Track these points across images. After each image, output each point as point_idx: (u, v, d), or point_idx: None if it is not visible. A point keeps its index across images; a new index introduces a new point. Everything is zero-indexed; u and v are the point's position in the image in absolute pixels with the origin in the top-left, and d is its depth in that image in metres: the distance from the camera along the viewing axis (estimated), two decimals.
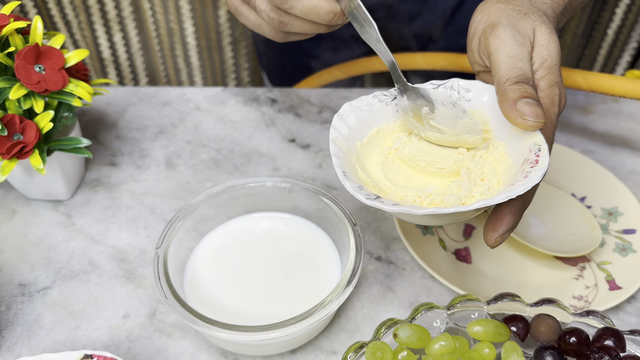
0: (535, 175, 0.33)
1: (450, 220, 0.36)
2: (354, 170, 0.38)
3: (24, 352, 0.45)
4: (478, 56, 0.41)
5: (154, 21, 1.10)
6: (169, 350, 0.45)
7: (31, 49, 0.47)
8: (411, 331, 0.38)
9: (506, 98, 0.36)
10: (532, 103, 0.35)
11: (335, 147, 0.38)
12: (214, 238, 0.50)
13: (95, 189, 0.59)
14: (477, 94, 0.40)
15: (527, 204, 0.36)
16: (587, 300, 0.48)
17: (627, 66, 1.15)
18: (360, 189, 0.35)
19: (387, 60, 0.39)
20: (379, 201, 0.33)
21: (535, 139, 0.35)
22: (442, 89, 0.41)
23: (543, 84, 0.38)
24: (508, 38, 0.38)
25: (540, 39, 0.39)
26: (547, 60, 0.38)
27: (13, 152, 0.47)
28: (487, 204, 0.32)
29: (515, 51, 0.37)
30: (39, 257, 0.52)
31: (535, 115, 0.34)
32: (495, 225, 0.35)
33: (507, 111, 0.35)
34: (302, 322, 0.40)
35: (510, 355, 0.37)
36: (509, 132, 0.38)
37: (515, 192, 0.32)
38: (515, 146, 0.37)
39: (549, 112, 0.37)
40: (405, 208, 0.33)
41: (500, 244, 0.36)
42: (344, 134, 0.39)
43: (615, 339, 0.37)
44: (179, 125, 0.67)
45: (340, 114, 0.40)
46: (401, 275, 0.51)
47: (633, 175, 0.60)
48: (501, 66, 0.37)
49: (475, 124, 0.38)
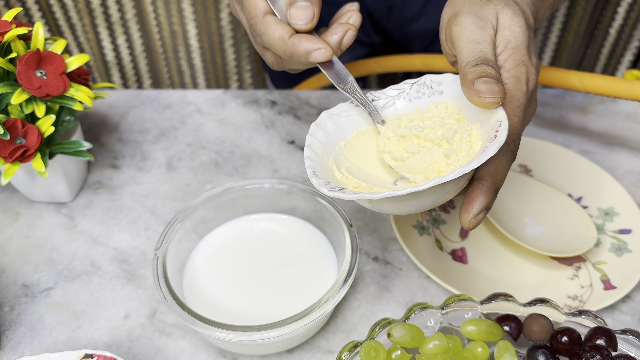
0: (490, 149, 0.33)
1: (420, 205, 0.37)
2: (330, 171, 0.39)
3: (27, 351, 0.46)
4: (447, 46, 0.41)
5: (157, 24, 1.11)
6: (169, 350, 0.46)
7: (32, 55, 0.48)
8: (405, 331, 0.39)
9: (465, 80, 0.36)
10: (488, 81, 0.35)
11: (309, 151, 0.40)
12: (213, 239, 0.51)
13: (97, 191, 0.60)
14: (448, 85, 0.41)
15: (498, 183, 0.37)
16: (582, 300, 0.48)
17: (629, 65, 1.15)
18: (326, 184, 0.36)
19: (367, 110, 0.42)
20: (340, 192, 0.35)
21: (497, 116, 0.35)
22: (415, 87, 0.42)
23: (508, 65, 0.38)
24: (469, 24, 0.39)
25: (503, 21, 0.39)
26: (510, 41, 0.39)
27: (15, 155, 0.48)
28: (440, 181, 0.32)
29: (475, 36, 0.38)
30: (42, 258, 0.53)
31: (490, 92, 0.35)
32: (467, 207, 0.36)
33: (467, 92, 0.36)
34: (298, 321, 0.40)
35: (503, 354, 0.38)
36: (478, 116, 0.38)
37: (469, 166, 0.32)
38: (483, 128, 0.37)
39: (514, 90, 0.38)
40: (363, 195, 0.34)
41: (476, 225, 0.36)
42: (320, 139, 0.41)
43: (607, 338, 0.38)
44: (180, 128, 0.68)
45: (318, 122, 0.42)
46: (398, 276, 0.51)
47: (630, 175, 0.61)
48: (462, 52, 0.38)
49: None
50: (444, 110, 0.41)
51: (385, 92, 0.43)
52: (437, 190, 0.35)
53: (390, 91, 0.43)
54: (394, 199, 0.35)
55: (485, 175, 0.37)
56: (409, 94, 0.43)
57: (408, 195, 0.33)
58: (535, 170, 0.60)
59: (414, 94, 0.42)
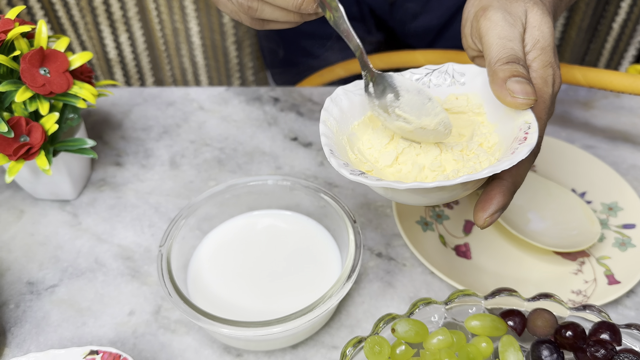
0: (522, 151, 0.33)
1: (438, 198, 0.36)
2: (344, 150, 0.38)
3: (33, 348, 0.46)
4: (471, 40, 0.41)
5: (159, 21, 1.11)
6: (174, 346, 0.46)
7: (36, 53, 0.48)
8: (409, 326, 0.39)
9: (496, 78, 0.36)
10: (521, 81, 0.35)
11: (325, 128, 0.38)
12: (217, 236, 0.51)
13: (101, 188, 0.60)
14: (470, 77, 0.40)
15: (517, 184, 0.36)
16: (586, 294, 0.48)
17: (632, 60, 1.15)
18: (345, 166, 0.35)
19: (353, 46, 0.39)
20: (363, 177, 0.34)
21: (525, 118, 0.35)
22: (436, 74, 0.41)
23: (536, 65, 0.38)
24: (499, 20, 0.38)
25: (532, 20, 0.39)
26: (539, 41, 0.38)
27: (20, 153, 0.49)
28: (470, 178, 0.32)
29: (506, 32, 0.37)
30: (47, 256, 0.54)
31: (524, 93, 0.34)
32: (484, 206, 0.35)
33: (497, 91, 0.36)
34: (302, 317, 0.40)
35: (507, 349, 0.38)
36: (502, 113, 0.38)
37: (500, 167, 0.32)
38: (507, 126, 0.37)
39: (541, 92, 0.37)
40: (389, 182, 0.33)
41: (490, 224, 0.36)
42: (335, 116, 0.39)
43: (611, 332, 0.38)
44: (183, 125, 0.68)
45: (333, 97, 0.40)
46: (401, 271, 0.51)
47: (634, 170, 0.60)
48: (492, 47, 0.37)
49: (445, 117, 0.37)
50: (465, 103, 0.40)
51: (405, 75, 0.41)
52: (459, 186, 0.34)
53: (410, 74, 0.41)
54: (416, 191, 0.34)
55: (507, 175, 0.36)
56: (430, 80, 0.41)
57: (432, 188, 0.33)
58: (538, 166, 0.60)
59: (435, 80, 0.41)
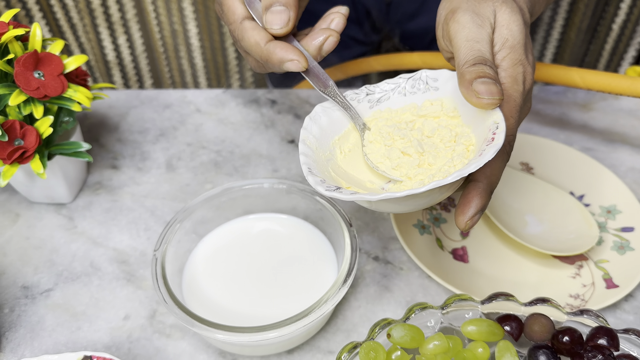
0: (488, 152, 0.33)
1: (415, 205, 0.37)
2: (325, 167, 0.39)
3: (27, 353, 0.46)
4: (443, 43, 0.41)
5: (157, 23, 1.11)
6: (169, 351, 0.46)
7: (30, 56, 0.48)
8: (405, 331, 0.38)
9: (464, 80, 0.36)
10: (486, 82, 0.35)
11: (304, 147, 0.39)
12: (213, 239, 0.51)
13: (97, 192, 0.60)
14: (443, 82, 0.41)
15: (493, 185, 0.37)
16: (584, 298, 0.48)
17: (632, 61, 1.15)
18: (322, 182, 0.36)
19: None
20: (337, 192, 0.34)
21: (494, 118, 0.35)
22: (411, 82, 0.42)
23: (505, 64, 0.38)
24: (467, 22, 0.38)
25: (500, 19, 0.39)
26: (508, 39, 0.38)
27: (14, 157, 0.48)
28: (439, 184, 0.32)
29: (473, 34, 0.38)
30: (42, 259, 0.53)
31: (489, 93, 0.34)
32: (464, 209, 0.36)
33: (465, 92, 0.36)
34: (298, 322, 0.40)
35: (504, 354, 0.37)
36: (474, 115, 0.38)
37: (467, 170, 0.32)
38: (479, 128, 0.37)
39: (511, 90, 0.37)
40: (361, 196, 0.34)
41: (472, 227, 0.36)
42: (315, 134, 0.40)
43: (609, 337, 0.37)
44: (179, 128, 0.67)
45: (312, 116, 0.41)
46: (398, 275, 0.51)
47: (632, 172, 0.60)
48: (460, 50, 0.38)
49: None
50: (439, 108, 0.40)
51: (380, 86, 0.43)
52: (434, 192, 0.35)
53: (386, 85, 0.43)
54: (391, 200, 0.35)
55: (481, 176, 0.36)
56: (405, 89, 0.42)
57: (405, 197, 0.33)
58: (536, 168, 0.60)
59: (409, 88, 0.42)
